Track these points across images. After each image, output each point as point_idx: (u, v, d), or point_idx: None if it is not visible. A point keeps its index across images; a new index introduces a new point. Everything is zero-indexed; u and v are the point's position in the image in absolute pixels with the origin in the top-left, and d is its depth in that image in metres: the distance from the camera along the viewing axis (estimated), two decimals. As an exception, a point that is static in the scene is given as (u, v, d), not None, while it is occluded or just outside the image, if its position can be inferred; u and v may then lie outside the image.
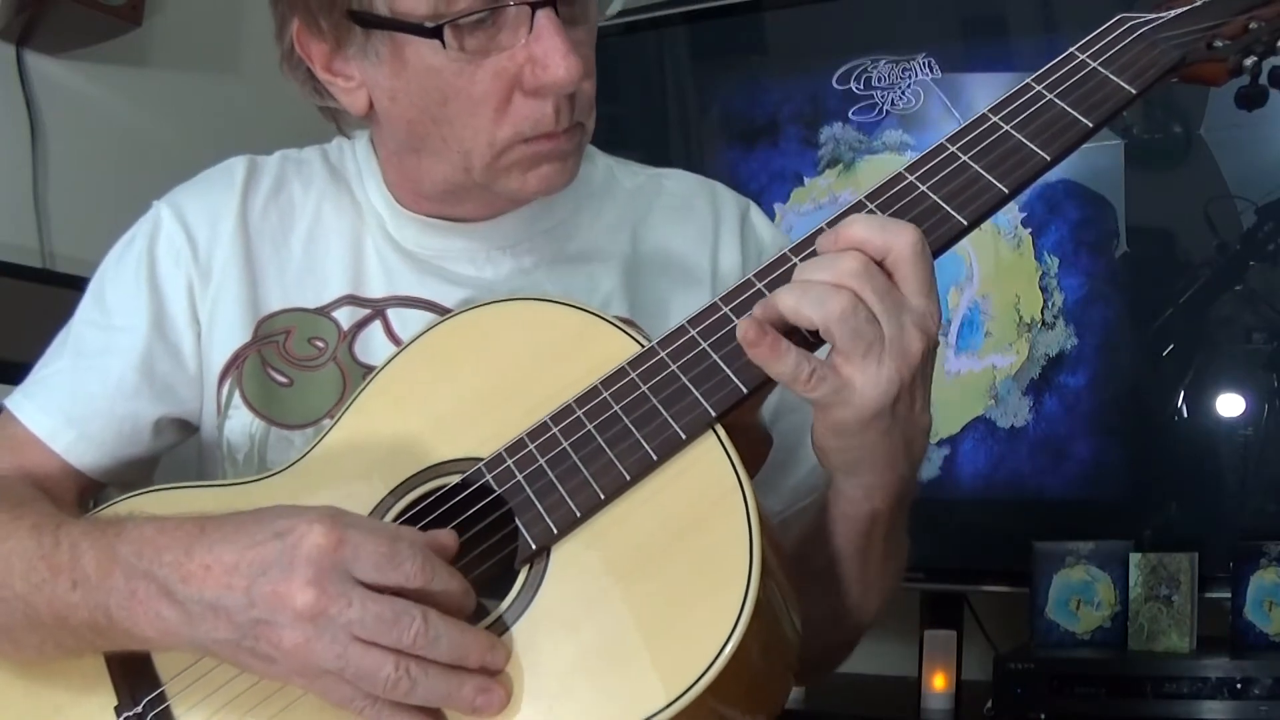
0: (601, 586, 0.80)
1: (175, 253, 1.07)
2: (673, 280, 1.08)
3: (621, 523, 0.81)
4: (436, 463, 0.89)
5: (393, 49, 0.95)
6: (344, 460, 0.92)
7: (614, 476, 0.82)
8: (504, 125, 0.95)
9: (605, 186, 1.12)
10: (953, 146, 0.87)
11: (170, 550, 0.81)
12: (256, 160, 1.12)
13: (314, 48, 1.00)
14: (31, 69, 2.01)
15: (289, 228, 1.09)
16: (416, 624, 0.76)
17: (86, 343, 1.08)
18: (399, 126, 1.00)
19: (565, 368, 0.88)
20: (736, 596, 0.75)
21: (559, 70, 0.91)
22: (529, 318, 0.93)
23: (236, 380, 1.05)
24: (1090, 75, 0.88)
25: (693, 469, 0.82)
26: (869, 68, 2.20)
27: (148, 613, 0.81)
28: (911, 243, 0.80)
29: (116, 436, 1.05)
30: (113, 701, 0.86)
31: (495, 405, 0.89)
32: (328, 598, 0.75)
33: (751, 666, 0.77)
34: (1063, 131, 0.86)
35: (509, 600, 0.81)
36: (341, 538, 0.77)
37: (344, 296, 1.06)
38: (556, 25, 0.92)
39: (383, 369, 0.96)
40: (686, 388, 0.83)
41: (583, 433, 0.84)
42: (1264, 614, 1.76)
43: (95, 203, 2.08)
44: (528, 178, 0.98)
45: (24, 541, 0.88)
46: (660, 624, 0.77)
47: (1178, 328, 1.96)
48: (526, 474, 0.84)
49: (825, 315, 0.78)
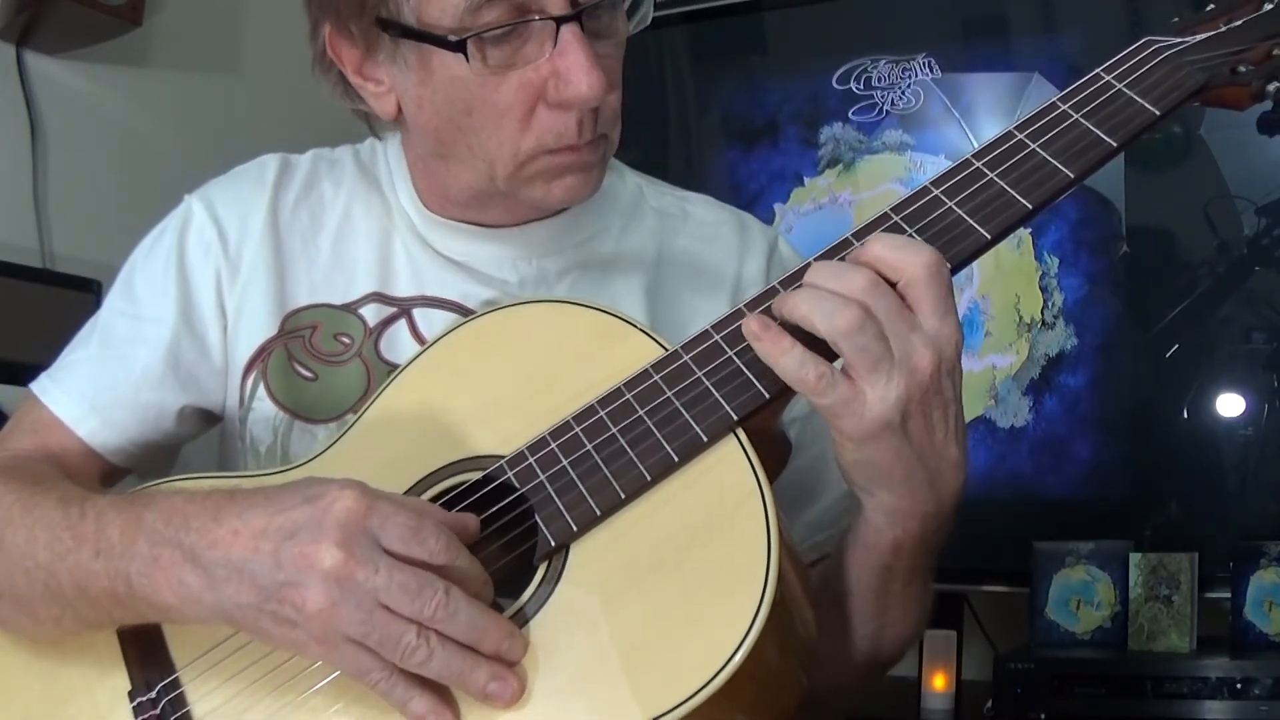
0: (619, 585, 0.80)
1: (205, 245, 1.08)
2: (697, 298, 1.09)
3: (641, 522, 0.82)
4: (458, 459, 0.89)
5: (420, 58, 0.96)
6: (366, 455, 0.93)
7: (635, 476, 0.82)
8: (528, 136, 0.96)
9: (633, 204, 1.14)
10: (979, 162, 0.87)
11: (198, 517, 0.81)
12: (289, 158, 1.13)
13: (345, 52, 1.01)
14: (31, 69, 2.01)
15: (319, 225, 1.10)
16: (439, 596, 0.76)
17: (114, 331, 1.09)
18: (426, 133, 1.01)
19: (588, 369, 0.88)
20: (753, 598, 0.75)
21: (582, 86, 0.92)
22: (552, 320, 0.94)
23: (261, 373, 1.06)
24: (1115, 96, 0.89)
25: (713, 471, 0.82)
26: (869, 68, 2.20)
27: (169, 579, 0.81)
28: (926, 264, 0.80)
29: (140, 424, 1.07)
30: (126, 686, 0.87)
31: (518, 405, 0.90)
32: (355, 561, 0.76)
33: (765, 669, 0.77)
34: (1086, 150, 0.87)
35: (526, 595, 0.81)
36: (371, 505, 0.77)
37: (371, 294, 1.07)
38: (581, 40, 0.92)
39: (407, 367, 0.96)
40: (709, 391, 0.84)
41: (605, 434, 0.85)
42: (1264, 614, 1.76)
43: (95, 203, 2.08)
44: (552, 187, 0.99)
45: (50, 513, 0.89)
46: (676, 624, 0.77)
47: (1178, 328, 1.97)
48: (548, 473, 0.85)
49: (832, 329, 0.79)
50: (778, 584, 0.76)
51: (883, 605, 0.92)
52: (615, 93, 0.98)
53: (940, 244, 0.83)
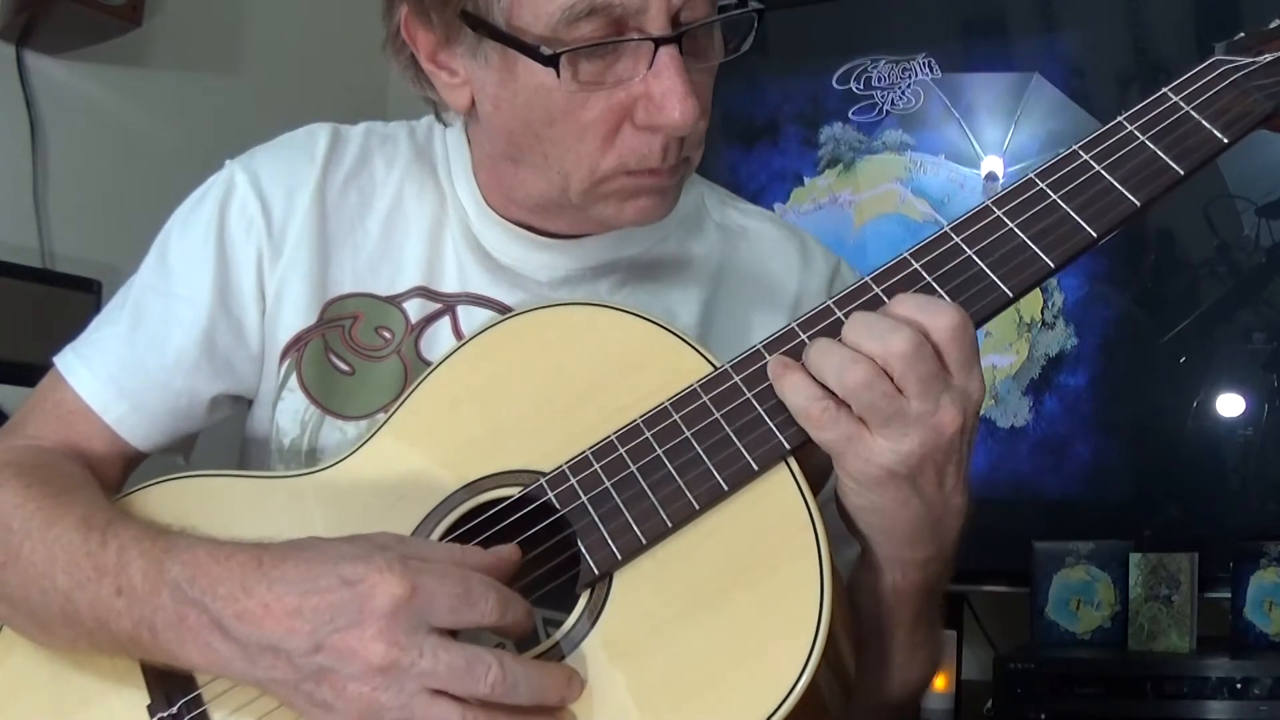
0: (665, 619, 0.77)
1: (248, 221, 1.02)
2: (756, 315, 1.05)
3: (688, 553, 0.79)
4: (495, 472, 0.86)
5: (503, 59, 0.91)
6: (395, 463, 0.90)
7: (683, 505, 0.79)
8: (609, 155, 0.91)
9: (695, 215, 1.09)
10: (1043, 183, 0.84)
11: (225, 583, 0.78)
12: (341, 130, 1.07)
13: (421, 36, 0.95)
14: (31, 69, 2.01)
15: (367, 208, 1.04)
16: (494, 672, 0.74)
17: (146, 309, 1.03)
18: (499, 133, 0.96)
19: (632, 381, 0.85)
20: (806, 639, 0.73)
21: (674, 113, 0.87)
22: (594, 324, 0.90)
23: (296, 362, 1.02)
24: (1183, 119, 0.84)
25: (764, 502, 0.79)
26: (869, 68, 2.20)
27: (197, 641, 0.78)
28: (950, 326, 0.78)
29: (171, 412, 1.02)
30: (145, 700, 0.84)
31: (556, 415, 0.86)
32: (400, 649, 0.73)
33: (813, 710, 0.75)
34: (1153, 177, 0.83)
35: (568, 626, 0.79)
36: (415, 586, 0.74)
37: (416, 288, 1.03)
38: (679, 65, 0.88)
39: (438, 366, 0.92)
40: (761, 417, 0.81)
41: (651, 457, 0.81)
42: (1264, 614, 1.76)
43: (95, 203, 2.08)
44: (624, 207, 0.94)
45: (70, 534, 0.86)
46: (725, 662, 0.75)
47: (1178, 328, 1.97)
48: (591, 496, 0.82)
49: (840, 385, 0.78)
50: (831, 621, 0.74)
51: (887, 650, 0.90)
52: (705, 119, 0.92)
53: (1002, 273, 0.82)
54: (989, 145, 2.13)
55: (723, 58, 0.95)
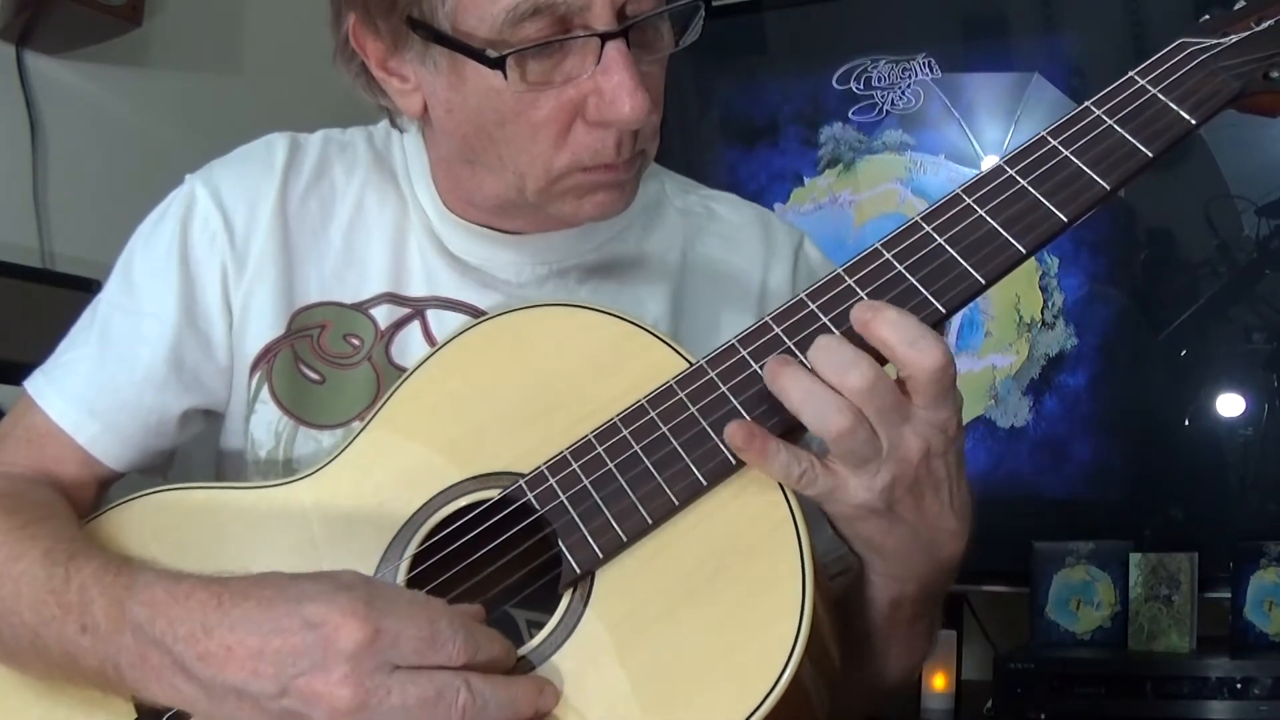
0: (648, 616, 0.78)
1: (211, 236, 1.02)
2: (723, 307, 1.05)
3: (669, 549, 0.79)
4: (473, 475, 0.86)
5: (452, 63, 0.91)
6: (373, 469, 0.90)
7: (662, 502, 0.80)
8: (563, 153, 0.91)
9: (656, 204, 1.09)
10: (1011, 170, 0.84)
11: (184, 623, 0.78)
12: (299, 139, 1.07)
13: (370, 44, 0.95)
14: (31, 69, 2.01)
15: (329, 216, 1.04)
16: (463, 696, 0.74)
17: (113, 328, 1.03)
18: (453, 137, 0.96)
19: (607, 380, 0.85)
20: (789, 632, 0.74)
21: (624, 108, 0.87)
22: (569, 325, 0.90)
23: (266, 374, 1.02)
24: (1151, 102, 0.84)
25: (742, 496, 0.79)
26: (869, 68, 2.20)
27: (161, 682, 0.79)
28: (931, 369, 0.76)
29: (143, 429, 1.02)
30: (131, 714, 0.84)
31: (534, 417, 0.86)
32: (365, 691, 0.73)
33: (798, 701, 0.76)
34: (1122, 161, 0.82)
35: (551, 626, 0.79)
36: (377, 629, 0.74)
37: (383, 294, 1.03)
38: (626, 59, 0.87)
39: (415, 372, 0.92)
40: (737, 411, 0.81)
41: (629, 454, 0.82)
42: (1264, 614, 1.76)
43: (95, 203, 2.08)
44: (582, 203, 0.94)
45: (34, 569, 0.86)
46: (707, 661, 0.75)
47: (1178, 328, 1.97)
48: (570, 494, 0.82)
49: (823, 430, 0.77)
50: (813, 613, 0.74)
51: (885, 644, 0.91)
52: (657, 112, 0.92)
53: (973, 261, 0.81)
54: (989, 145, 2.13)
55: (673, 48, 0.94)
